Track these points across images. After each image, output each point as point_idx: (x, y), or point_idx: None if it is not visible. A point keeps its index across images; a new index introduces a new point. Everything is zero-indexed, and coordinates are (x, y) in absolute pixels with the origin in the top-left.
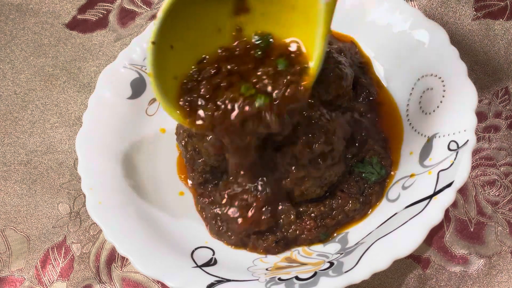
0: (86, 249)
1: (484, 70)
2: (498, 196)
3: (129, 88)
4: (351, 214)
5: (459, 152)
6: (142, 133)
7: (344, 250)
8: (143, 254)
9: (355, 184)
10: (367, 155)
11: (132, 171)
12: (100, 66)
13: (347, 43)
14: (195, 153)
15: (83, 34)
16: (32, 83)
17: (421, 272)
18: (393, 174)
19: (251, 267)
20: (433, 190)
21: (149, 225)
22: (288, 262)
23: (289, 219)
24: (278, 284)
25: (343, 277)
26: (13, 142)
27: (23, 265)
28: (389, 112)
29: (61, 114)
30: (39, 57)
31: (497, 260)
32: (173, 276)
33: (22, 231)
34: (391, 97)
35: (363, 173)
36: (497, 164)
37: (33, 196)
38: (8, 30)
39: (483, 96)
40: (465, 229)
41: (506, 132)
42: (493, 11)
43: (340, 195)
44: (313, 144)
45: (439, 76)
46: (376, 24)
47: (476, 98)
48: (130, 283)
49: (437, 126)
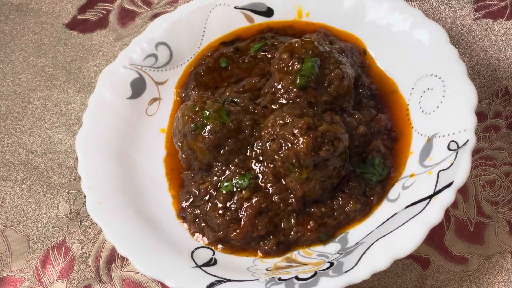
0: (86, 249)
1: (484, 70)
2: (498, 196)
3: (129, 88)
4: (352, 214)
5: (459, 152)
6: (142, 133)
7: (344, 250)
8: (143, 254)
9: (357, 185)
10: (369, 155)
11: (132, 171)
12: (100, 66)
13: (349, 43)
14: (190, 153)
15: (83, 34)
16: (32, 83)
17: (421, 272)
18: (395, 175)
19: (251, 267)
20: (433, 190)
21: (149, 225)
22: (288, 262)
23: (290, 223)
24: (278, 284)
25: (343, 277)
26: (13, 142)
27: (23, 265)
28: (396, 107)
29: (61, 114)
30: (39, 57)
31: (497, 260)
32: (173, 276)
33: (22, 231)
34: (397, 87)
35: (364, 173)
36: (497, 164)
37: (33, 196)
38: (8, 30)
39: (483, 96)
40: (465, 229)
41: (506, 132)
42: (493, 11)
43: (341, 196)
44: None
45: (439, 76)
46: (376, 24)
47: (476, 98)
48: (130, 283)
49: (437, 126)
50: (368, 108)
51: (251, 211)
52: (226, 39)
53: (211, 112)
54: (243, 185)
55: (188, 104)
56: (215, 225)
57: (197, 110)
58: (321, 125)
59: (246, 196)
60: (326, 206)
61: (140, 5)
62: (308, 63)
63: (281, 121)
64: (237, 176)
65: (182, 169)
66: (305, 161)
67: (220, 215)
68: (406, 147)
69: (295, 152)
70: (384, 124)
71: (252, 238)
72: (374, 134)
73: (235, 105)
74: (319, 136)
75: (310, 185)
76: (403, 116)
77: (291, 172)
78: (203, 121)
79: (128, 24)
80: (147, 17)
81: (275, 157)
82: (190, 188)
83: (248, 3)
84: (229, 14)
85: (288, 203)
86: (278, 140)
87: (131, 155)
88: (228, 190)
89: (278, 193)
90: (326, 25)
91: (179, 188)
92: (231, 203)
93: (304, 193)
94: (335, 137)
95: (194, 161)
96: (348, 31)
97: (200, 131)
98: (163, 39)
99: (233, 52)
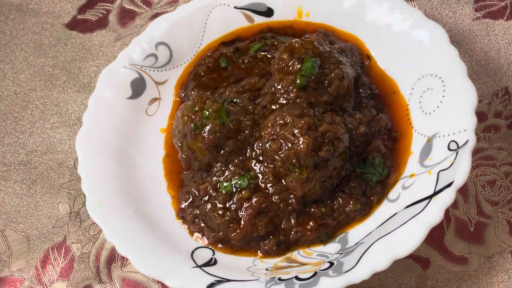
0: (86, 249)
1: (484, 70)
2: (498, 196)
3: (129, 88)
4: (352, 214)
5: (459, 152)
6: (142, 133)
7: (344, 250)
8: (143, 254)
9: (357, 185)
10: (370, 155)
11: (132, 171)
12: (100, 66)
13: (349, 43)
14: (190, 153)
15: (83, 34)
16: (32, 83)
17: (421, 272)
18: (395, 175)
19: (251, 267)
20: (433, 190)
21: (149, 225)
22: (288, 262)
23: (290, 223)
24: (278, 284)
25: (343, 277)
26: (13, 142)
27: (23, 265)
28: (396, 107)
29: (61, 114)
30: (39, 57)
31: (497, 260)
32: (173, 276)
33: (22, 231)
34: (397, 87)
35: (364, 173)
36: (497, 164)
37: (33, 196)
38: (8, 30)
39: (483, 96)
40: (465, 229)
41: (506, 132)
42: (493, 11)
43: (341, 196)
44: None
45: (439, 76)
46: (376, 24)
47: (476, 98)
48: (130, 283)
49: (437, 126)
50: (369, 108)
51: (251, 211)
52: (226, 39)
53: (210, 112)
54: (242, 186)
55: (188, 104)
56: (215, 226)
57: (197, 110)
58: (322, 125)
59: (246, 196)
60: (326, 206)
61: (140, 5)
62: (308, 63)
63: (281, 121)
64: (237, 177)
65: (181, 170)
66: (305, 161)
67: (220, 215)
68: (406, 147)
69: (295, 152)
70: (385, 124)
71: (252, 238)
72: (375, 134)
73: (234, 105)
74: (319, 136)
75: (310, 185)
76: (403, 116)
77: (291, 172)
78: (202, 121)
79: (128, 24)
80: (147, 17)
81: (275, 157)
82: (189, 188)
83: (248, 3)
84: (229, 14)
85: (288, 203)
86: (278, 140)
87: (131, 155)
88: (227, 190)
89: (278, 193)
90: (326, 25)
91: (179, 188)
92: (230, 203)
93: (304, 193)
94: (335, 137)
95: (194, 161)
96: (348, 31)
97: (199, 131)
98: (163, 39)
99: (233, 52)
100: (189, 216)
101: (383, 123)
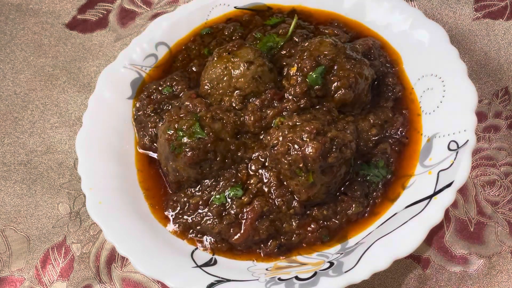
0: (86, 249)
1: (484, 70)
2: (498, 196)
3: (129, 88)
4: (354, 217)
5: (459, 152)
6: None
7: (344, 250)
8: (143, 254)
9: (359, 187)
10: (374, 157)
11: (132, 171)
12: (100, 66)
13: (377, 41)
14: (176, 174)
15: (83, 34)
16: (32, 83)
17: (421, 272)
18: (397, 177)
19: (251, 267)
20: (433, 190)
21: (149, 225)
22: (288, 262)
23: (291, 226)
24: (278, 284)
25: (343, 277)
26: (13, 142)
27: (23, 265)
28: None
29: (61, 114)
30: (39, 57)
31: (497, 260)
32: (173, 276)
33: (22, 231)
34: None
35: (368, 175)
36: (497, 164)
37: (33, 196)
38: (8, 30)
39: (483, 96)
40: (465, 229)
41: (506, 132)
42: (493, 11)
43: (343, 198)
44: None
45: (439, 76)
46: (376, 24)
47: (476, 98)
48: (130, 283)
49: (437, 126)
50: (384, 109)
51: (253, 215)
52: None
53: (184, 130)
54: (238, 195)
55: (163, 126)
56: (214, 235)
57: (172, 132)
58: (330, 131)
59: (246, 202)
60: (329, 209)
61: (140, 5)
62: (311, 76)
63: (289, 123)
64: (229, 188)
65: (161, 189)
66: (313, 166)
67: (217, 223)
68: (413, 153)
69: (303, 157)
70: (398, 127)
71: (254, 242)
72: (385, 136)
73: (212, 112)
74: (328, 142)
75: (315, 189)
76: (416, 123)
77: (297, 176)
78: (179, 141)
79: (128, 24)
80: (147, 17)
81: (282, 160)
82: (178, 198)
83: (248, 3)
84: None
85: (291, 206)
86: (286, 143)
87: (131, 155)
88: (221, 202)
89: (281, 196)
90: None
91: (161, 197)
92: (228, 208)
93: (309, 197)
94: (343, 144)
95: (182, 180)
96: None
97: (179, 151)
98: (163, 39)
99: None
100: (180, 226)
101: (397, 125)
